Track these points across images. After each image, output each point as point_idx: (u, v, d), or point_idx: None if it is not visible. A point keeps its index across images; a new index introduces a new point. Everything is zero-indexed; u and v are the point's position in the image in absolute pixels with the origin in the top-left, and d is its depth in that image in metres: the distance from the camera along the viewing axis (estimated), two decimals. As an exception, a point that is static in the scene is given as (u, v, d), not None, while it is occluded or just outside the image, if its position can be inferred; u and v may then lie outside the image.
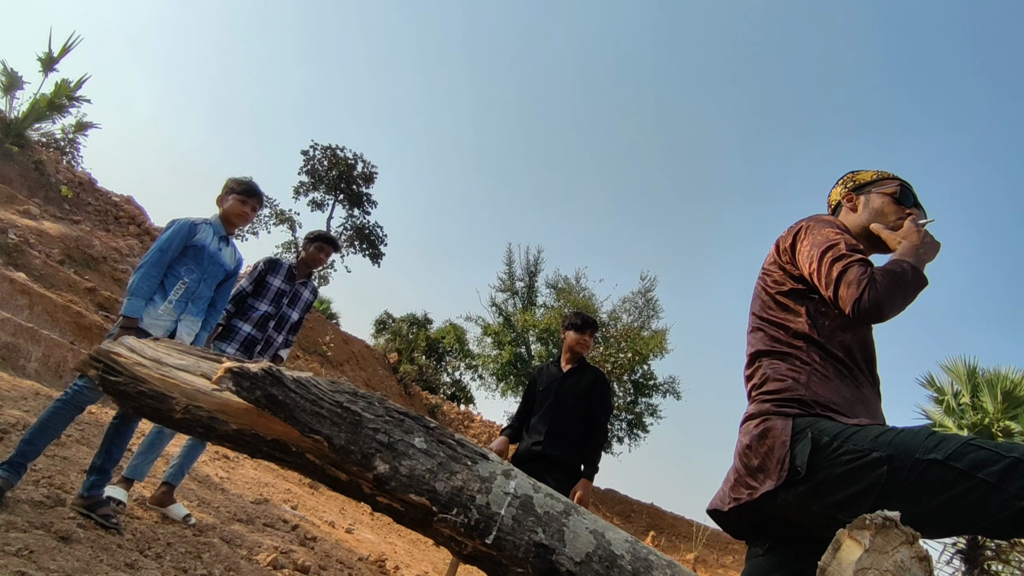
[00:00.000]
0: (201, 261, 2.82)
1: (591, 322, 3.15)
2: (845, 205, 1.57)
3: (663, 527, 15.23)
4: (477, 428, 14.40)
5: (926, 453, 1.07)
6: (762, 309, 1.45)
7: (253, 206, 3.00)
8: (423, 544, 6.19)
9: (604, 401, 2.97)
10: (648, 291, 18.51)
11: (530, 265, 19.49)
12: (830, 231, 1.36)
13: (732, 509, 1.30)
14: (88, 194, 10.25)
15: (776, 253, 1.48)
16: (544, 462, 2.80)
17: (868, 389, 1.35)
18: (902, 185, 1.50)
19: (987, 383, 13.60)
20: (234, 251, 3.07)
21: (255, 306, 3.32)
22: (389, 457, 1.05)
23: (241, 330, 3.26)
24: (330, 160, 17.49)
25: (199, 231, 2.83)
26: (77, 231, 8.65)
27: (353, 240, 17.98)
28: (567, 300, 17.98)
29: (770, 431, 1.25)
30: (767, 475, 1.22)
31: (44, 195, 9.08)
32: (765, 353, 1.39)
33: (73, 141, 11.44)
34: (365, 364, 12.94)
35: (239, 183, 2.98)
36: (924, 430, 1.13)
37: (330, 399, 1.08)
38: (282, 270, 3.44)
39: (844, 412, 1.24)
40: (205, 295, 2.89)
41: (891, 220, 1.46)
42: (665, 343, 17.20)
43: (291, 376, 1.10)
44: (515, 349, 17.50)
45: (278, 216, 17.09)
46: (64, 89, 10.11)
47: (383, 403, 1.11)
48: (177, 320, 2.75)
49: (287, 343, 3.50)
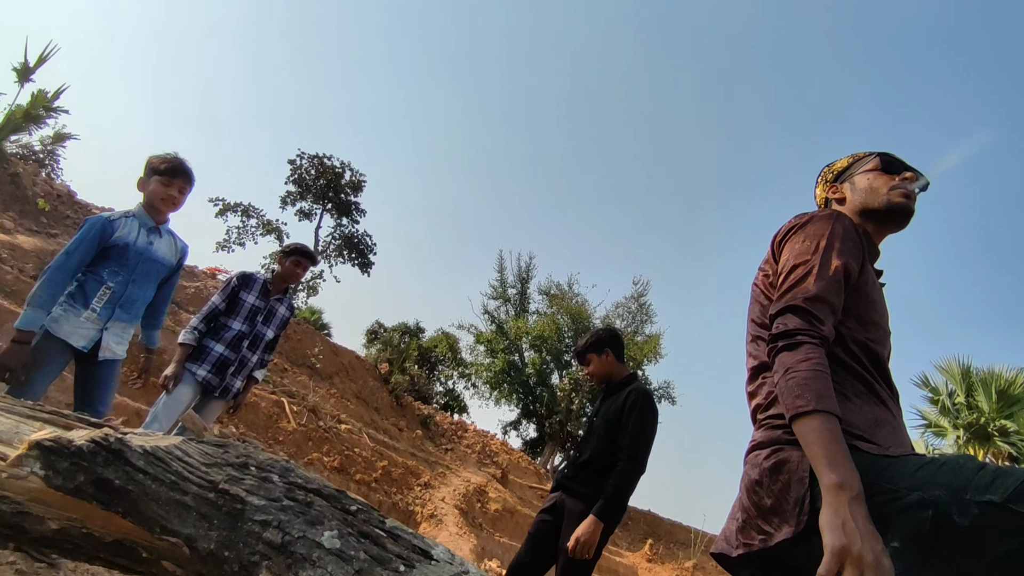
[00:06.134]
0: (126, 261, 2.52)
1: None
2: (832, 198, 1.44)
3: (660, 534, 15.05)
4: (471, 438, 14.17)
5: (980, 493, 0.89)
6: (761, 314, 1.28)
7: (180, 187, 2.64)
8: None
9: (636, 428, 2.51)
10: (641, 296, 18.48)
11: (522, 272, 19.41)
12: (816, 241, 1.20)
13: (742, 556, 1.12)
14: (67, 207, 10.00)
15: (771, 250, 1.32)
16: (564, 492, 2.59)
17: (893, 405, 1.18)
18: (881, 156, 1.38)
19: (981, 382, 13.59)
20: (173, 240, 2.75)
21: (228, 324, 3.13)
22: (281, 567, 0.71)
23: (213, 351, 3.06)
24: (317, 169, 17.26)
25: (117, 227, 2.51)
26: (54, 245, 8.41)
27: (342, 250, 17.74)
28: (560, 306, 17.86)
29: (784, 465, 1.07)
30: (783, 519, 1.03)
31: (20, 208, 8.83)
32: (769, 366, 1.19)
33: (52, 153, 11.19)
34: (355, 376, 12.70)
35: (162, 160, 2.61)
36: (971, 462, 0.95)
37: (200, 478, 0.76)
38: (256, 285, 3.25)
39: (866, 437, 1.06)
40: (138, 297, 2.60)
41: (884, 192, 1.32)
42: (659, 348, 17.13)
43: (140, 447, 0.78)
44: (508, 357, 17.33)
45: (265, 226, 16.81)
46: (41, 100, 9.87)
47: (286, 476, 0.78)
48: (103, 328, 2.49)
49: (263, 363, 3.31)
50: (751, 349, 1.29)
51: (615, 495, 2.38)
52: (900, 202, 1.31)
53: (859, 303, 1.20)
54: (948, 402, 14.02)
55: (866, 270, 1.23)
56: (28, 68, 9.72)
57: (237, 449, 0.76)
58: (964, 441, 13.40)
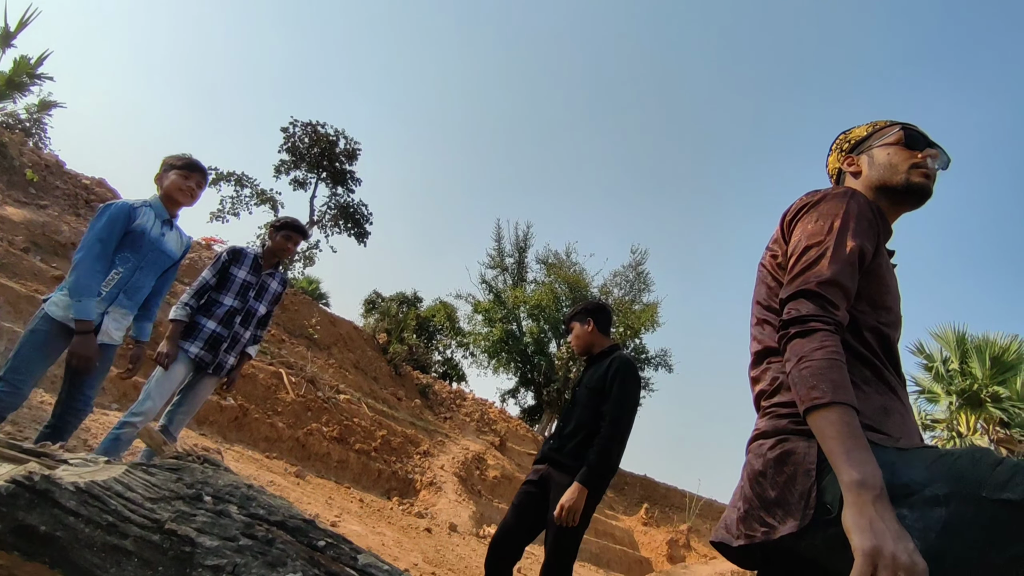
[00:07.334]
0: (139, 248, 2.58)
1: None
2: (847, 171, 1.35)
3: (656, 499, 15.36)
4: (470, 407, 14.30)
5: (997, 491, 0.85)
6: (768, 297, 1.22)
7: (197, 181, 2.76)
8: (413, 531, 6.08)
9: (618, 394, 2.52)
10: (639, 264, 18.41)
11: (520, 241, 19.27)
12: (830, 221, 1.13)
13: (743, 547, 1.10)
14: (56, 177, 9.81)
15: (780, 230, 1.25)
16: (550, 465, 2.60)
17: (902, 392, 1.13)
18: (904, 128, 1.28)
19: (976, 349, 13.69)
20: (180, 235, 2.82)
21: (219, 300, 3.07)
22: None
23: (205, 327, 3.02)
24: (311, 137, 16.95)
25: (139, 215, 2.58)
26: (44, 216, 8.28)
27: (337, 220, 17.57)
28: (557, 275, 17.81)
29: (790, 456, 1.03)
30: (788, 512, 1.00)
31: (7, 179, 8.65)
32: (775, 351, 1.15)
33: (38, 121, 10.93)
34: (354, 346, 12.72)
35: (179, 158, 2.75)
36: (988, 456, 0.91)
37: (144, 516, 0.63)
38: (247, 260, 3.18)
39: (875, 427, 1.02)
40: (142, 285, 2.65)
41: (904, 170, 1.24)
42: (656, 316, 17.16)
43: (72, 485, 0.64)
44: (506, 326, 17.36)
45: (259, 196, 16.61)
46: (24, 66, 9.60)
47: (247, 507, 0.66)
48: (104, 313, 2.52)
49: (256, 339, 3.27)
50: (756, 333, 1.23)
51: (598, 462, 2.41)
52: (920, 182, 1.24)
53: (872, 286, 1.14)
54: (942, 369, 14.15)
55: (880, 251, 1.17)
56: (9, 33, 9.41)
57: (193, 474, 0.65)
58: (956, 407, 13.58)
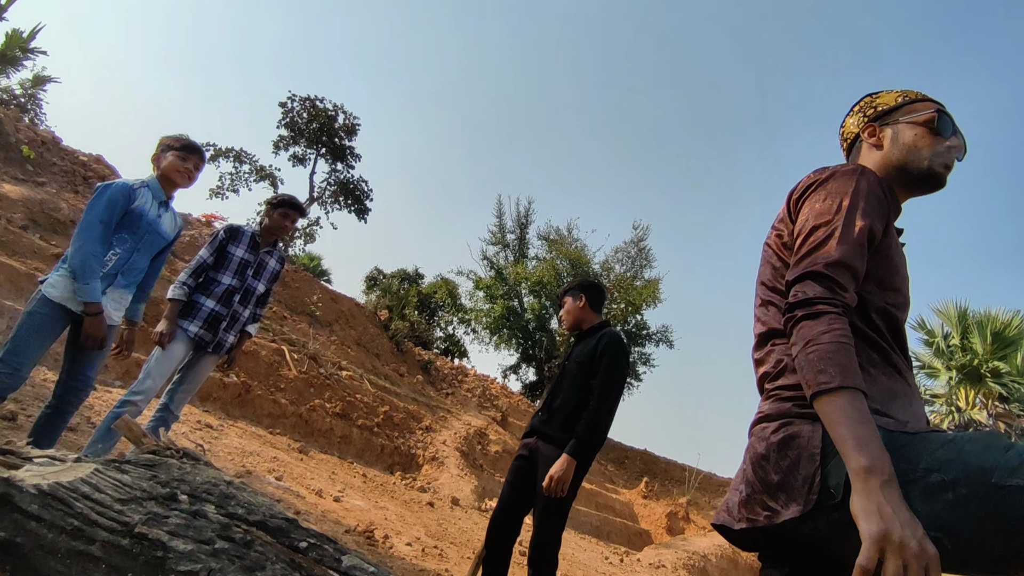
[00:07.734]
0: (137, 230, 2.58)
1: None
2: (867, 140, 1.27)
3: (656, 472, 15.54)
4: (472, 382, 14.40)
5: (1006, 477, 0.83)
6: (773, 278, 1.19)
7: (195, 163, 2.75)
8: (416, 505, 6.16)
9: (606, 368, 2.55)
10: (641, 240, 18.31)
11: (521, 217, 19.17)
12: (839, 199, 1.09)
13: (745, 530, 1.09)
14: (53, 154, 9.72)
15: (787, 208, 1.21)
16: (539, 438, 2.62)
17: (908, 375, 1.11)
18: (939, 111, 1.21)
19: (977, 324, 13.70)
20: (174, 217, 2.82)
21: (218, 279, 3.06)
22: None
23: (204, 306, 3.01)
24: (310, 112, 16.72)
25: (138, 196, 2.57)
26: (42, 193, 8.23)
27: (337, 196, 17.44)
28: (559, 251, 17.75)
29: (794, 440, 1.01)
30: (791, 497, 0.98)
31: (3, 156, 8.58)
32: (779, 333, 1.13)
33: (33, 97, 10.79)
34: (355, 323, 12.75)
35: (176, 139, 2.74)
36: (998, 440, 0.89)
37: (112, 519, 0.58)
38: (244, 239, 3.15)
39: (882, 410, 1.01)
40: (139, 266, 2.66)
41: (928, 156, 1.18)
42: (658, 293, 17.15)
43: (34, 488, 0.59)
44: (507, 302, 17.37)
45: (258, 172, 16.46)
46: (16, 40, 9.44)
47: (225, 506, 0.62)
48: (102, 294, 2.51)
49: (255, 317, 3.26)
50: (760, 314, 1.21)
51: (586, 434, 2.46)
52: (940, 173, 1.20)
53: (881, 267, 1.11)
54: (943, 344, 14.17)
55: (890, 231, 1.14)
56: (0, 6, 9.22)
57: (170, 471, 0.60)
58: (956, 382, 13.64)
